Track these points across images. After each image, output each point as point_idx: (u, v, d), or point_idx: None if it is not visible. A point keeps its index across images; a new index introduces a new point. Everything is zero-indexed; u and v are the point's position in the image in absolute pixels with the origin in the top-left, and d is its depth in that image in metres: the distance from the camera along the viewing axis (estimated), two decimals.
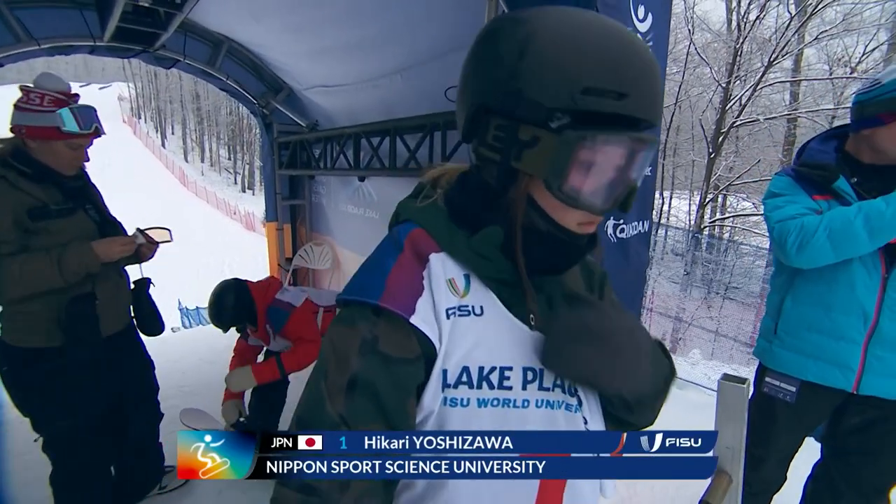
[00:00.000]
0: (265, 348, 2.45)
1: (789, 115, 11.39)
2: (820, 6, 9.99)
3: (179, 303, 11.77)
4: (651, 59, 0.52)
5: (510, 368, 0.56)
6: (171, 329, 7.69)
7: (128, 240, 1.67)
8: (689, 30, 12.71)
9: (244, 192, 34.40)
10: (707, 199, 12.49)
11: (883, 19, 10.31)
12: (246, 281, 2.28)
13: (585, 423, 0.61)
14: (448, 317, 0.55)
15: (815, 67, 12.13)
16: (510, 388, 0.56)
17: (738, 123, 11.59)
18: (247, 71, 3.71)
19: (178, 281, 16.79)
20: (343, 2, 2.24)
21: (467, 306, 0.56)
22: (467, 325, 0.56)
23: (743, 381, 1.02)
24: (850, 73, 10.60)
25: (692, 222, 13.28)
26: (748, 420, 1.55)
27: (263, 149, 4.25)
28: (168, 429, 2.23)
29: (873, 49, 10.74)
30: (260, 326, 2.25)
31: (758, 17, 11.07)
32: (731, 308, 8.35)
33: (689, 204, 15.55)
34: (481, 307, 0.57)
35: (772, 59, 10.48)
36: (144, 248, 1.78)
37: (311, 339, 2.18)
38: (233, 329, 2.28)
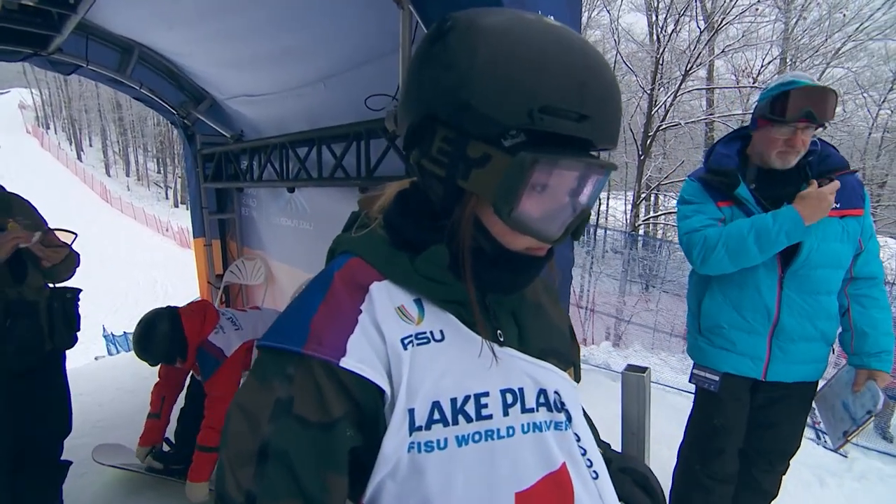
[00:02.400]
0: (191, 373, 2.30)
1: (706, 119, 12.43)
2: (723, 23, 11.04)
3: (104, 329, 10.92)
4: (613, 79, 0.48)
5: (486, 394, 0.50)
6: (95, 357, 7.05)
7: (19, 234, 1.62)
8: (615, 40, 13.56)
9: (177, 206, 32.32)
10: (640, 199, 13.30)
11: (774, 36, 11.62)
12: (179, 311, 2.09)
13: (578, 439, 0.56)
14: (406, 347, 0.49)
15: (725, 77, 13.42)
16: (490, 417, 0.50)
17: (663, 127, 12.47)
18: (163, 79, 3.48)
19: (103, 305, 15.46)
20: (262, 11, 2.17)
21: (425, 333, 0.50)
22: (429, 353, 0.49)
23: (643, 370, 1.08)
24: (753, 83, 11.88)
25: (628, 221, 14.10)
26: (689, 413, 1.61)
27: (187, 161, 4.02)
28: (78, 471, 2.04)
29: (769, 62, 12.10)
30: (189, 361, 2.09)
31: (674, 30, 12.01)
32: (667, 300, 8.87)
33: (625, 204, 16.49)
34: (441, 331, 0.51)
35: (687, 69, 11.41)
36: (43, 250, 1.66)
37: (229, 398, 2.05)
38: None
